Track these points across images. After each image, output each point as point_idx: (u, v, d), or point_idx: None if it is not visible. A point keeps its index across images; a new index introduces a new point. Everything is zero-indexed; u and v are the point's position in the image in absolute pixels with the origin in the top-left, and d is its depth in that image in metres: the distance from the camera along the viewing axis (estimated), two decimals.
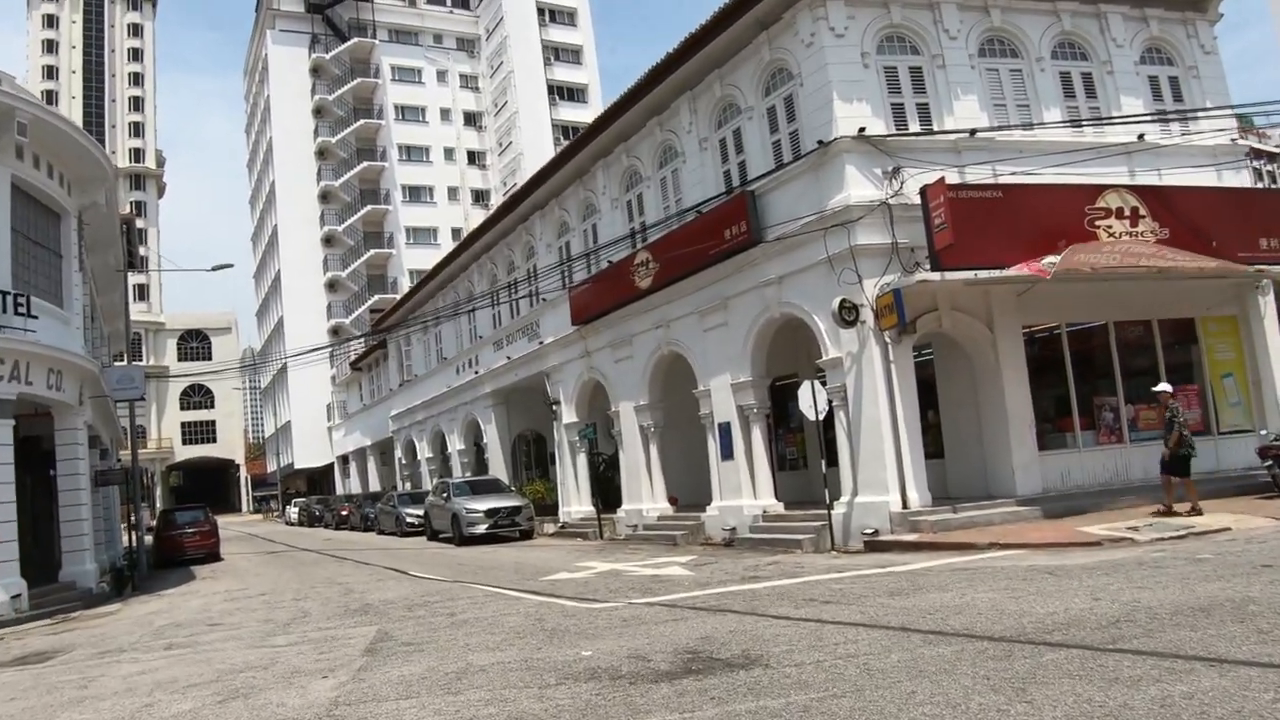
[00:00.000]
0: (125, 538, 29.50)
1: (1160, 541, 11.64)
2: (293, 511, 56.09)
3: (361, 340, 51.50)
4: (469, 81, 72.19)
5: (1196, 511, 13.22)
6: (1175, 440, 13.61)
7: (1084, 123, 16.40)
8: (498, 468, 30.73)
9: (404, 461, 42.19)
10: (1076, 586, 8.88)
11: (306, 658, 8.77)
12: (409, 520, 30.43)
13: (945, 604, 8.59)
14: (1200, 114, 17.01)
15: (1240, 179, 17.55)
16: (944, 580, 10.12)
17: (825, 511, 15.13)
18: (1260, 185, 23.59)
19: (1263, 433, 15.72)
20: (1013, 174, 15.06)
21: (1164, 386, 14.30)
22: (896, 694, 5.68)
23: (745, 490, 17.76)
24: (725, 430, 18.24)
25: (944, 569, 11.05)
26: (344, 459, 57.97)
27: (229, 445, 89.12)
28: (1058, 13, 16.75)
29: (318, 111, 70.26)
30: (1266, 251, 16.01)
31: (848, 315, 14.62)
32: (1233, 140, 17.57)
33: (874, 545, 14.07)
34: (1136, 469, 15.56)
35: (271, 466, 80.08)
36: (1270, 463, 14.77)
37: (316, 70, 70.61)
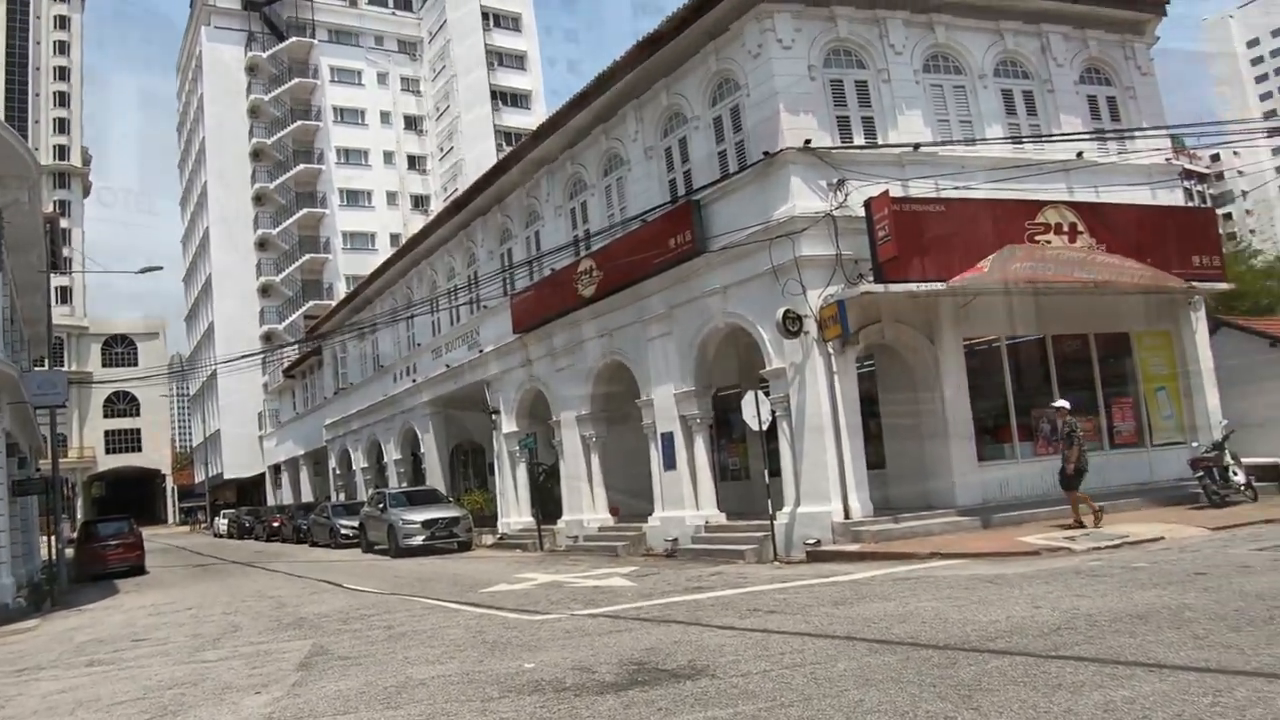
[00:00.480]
0: (44, 550, 28.35)
1: (1097, 551, 11.87)
2: (222, 523, 54.64)
3: (295, 347, 50.44)
4: (410, 85, 71.42)
5: (1080, 525, 13.53)
6: (1076, 455, 13.84)
7: (1024, 139, 16.76)
8: (435, 478, 30.27)
9: (338, 471, 41.37)
10: (1017, 595, 8.99)
11: (238, 673, 8.49)
12: (344, 532, 29.79)
13: (889, 613, 8.63)
14: (1136, 133, 17.48)
15: (1174, 198, 18.08)
16: (887, 590, 10.18)
17: (768, 522, 15.13)
18: (1191, 205, 24.45)
19: (1194, 445, 16.16)
20: (955, 188, 15.30)
21: (1061, 403, 14.56)
22: (844, 703, 5.68)
23: (688, 501, 17.71)
24: (668, 440, 18.18)
25: (887, 578, 11.12)
26: (276, 469, 56.67)
27: (155, 455, 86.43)
28: (1000, 31, 17.09)
29: (253, 111, 68.89)
30: (1199, 268, 16.51)
31: (791, 326, 14.68)
32: (1167, 160, 18.10)
33: (816, 555, 14.11)
34: None
35: (200, 476, 77.90)
36: (1201, 474, 15.19)
37: (253, 69, 69.24)
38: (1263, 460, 16.67)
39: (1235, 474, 15.14)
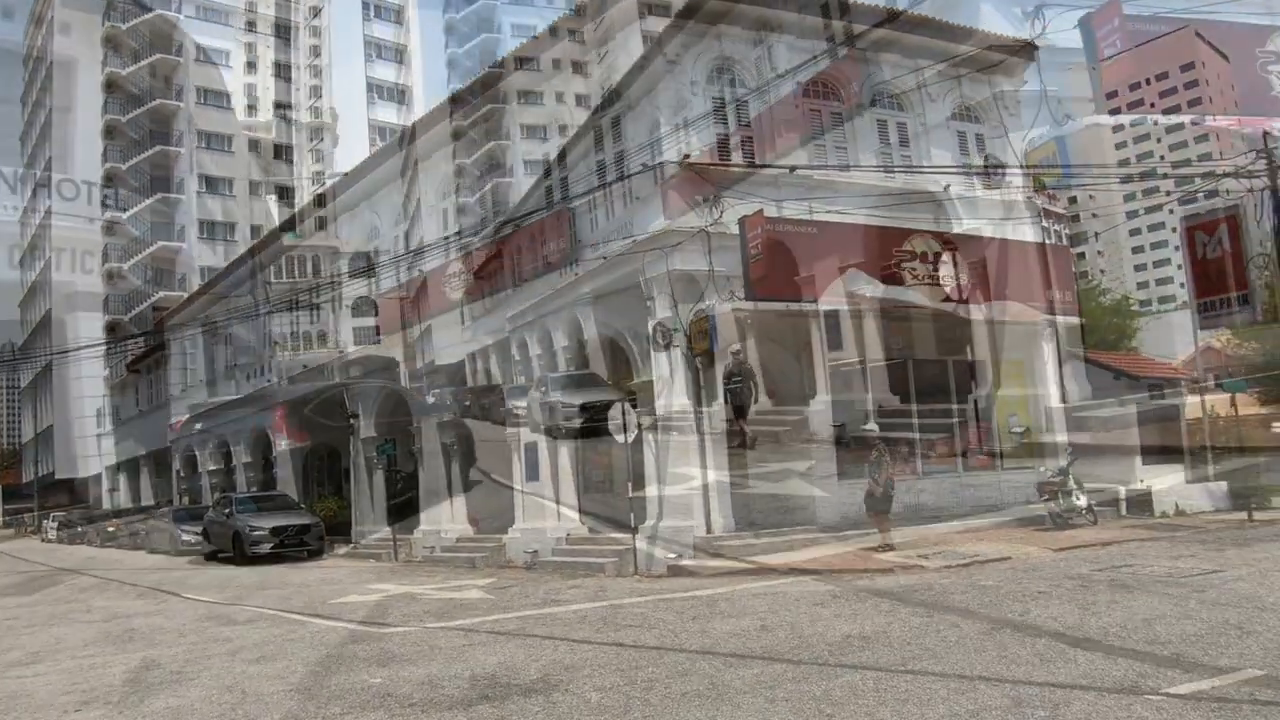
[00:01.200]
0: None
1: (948, 569, 12.26)
2: (51, 527, 51.10)
3: (141, 339, 47.65)
4: (282, 70, 68.71)
5: (889, 547, 13.92)
6: (885, 480, 14.23)
7: (896, 169, 17.35)
8: (287, 483, 29.00)
9: (182, 474, 39.24)
10: (870, 610, 9.18)
11: (57, 690, 7.86)
12: (185, 538, 28.20)
13: (746, 628, 8.66)
14: (1001, 171, 18.35)
15: (1033, 235, 19.05)
16: (745, 604, 10.24)
17: (630, 535, 15.05)
18: (1049, 242, 25.92)
19: (1041, 469, 16.95)
20: (828, 212, 15.67)
21: (871, 427, 15.09)
22: (698, 718, 5.64)
23: (549, 512, 17.44)
24: (532, 450, 17.88)
25: (745, 594, 11.19)
26: (114, 469, 53.43)
27: None
28: (880, 63, 17.66)
29: (109, 86, 64.84)
30: (1054, 302, 17.40)
31: (662, 339, 14.73)
32: (1028, 198, 19.10)
33: (677, 570, 14.09)
34: (929, 499, 16.39)
35: (28, 476, 72.64)
36: (1047, 498, 15.95)
37: (111, 40, 65.26)
38: (1103, 486, 17.65)
39: (1078, 499, 15.96)
